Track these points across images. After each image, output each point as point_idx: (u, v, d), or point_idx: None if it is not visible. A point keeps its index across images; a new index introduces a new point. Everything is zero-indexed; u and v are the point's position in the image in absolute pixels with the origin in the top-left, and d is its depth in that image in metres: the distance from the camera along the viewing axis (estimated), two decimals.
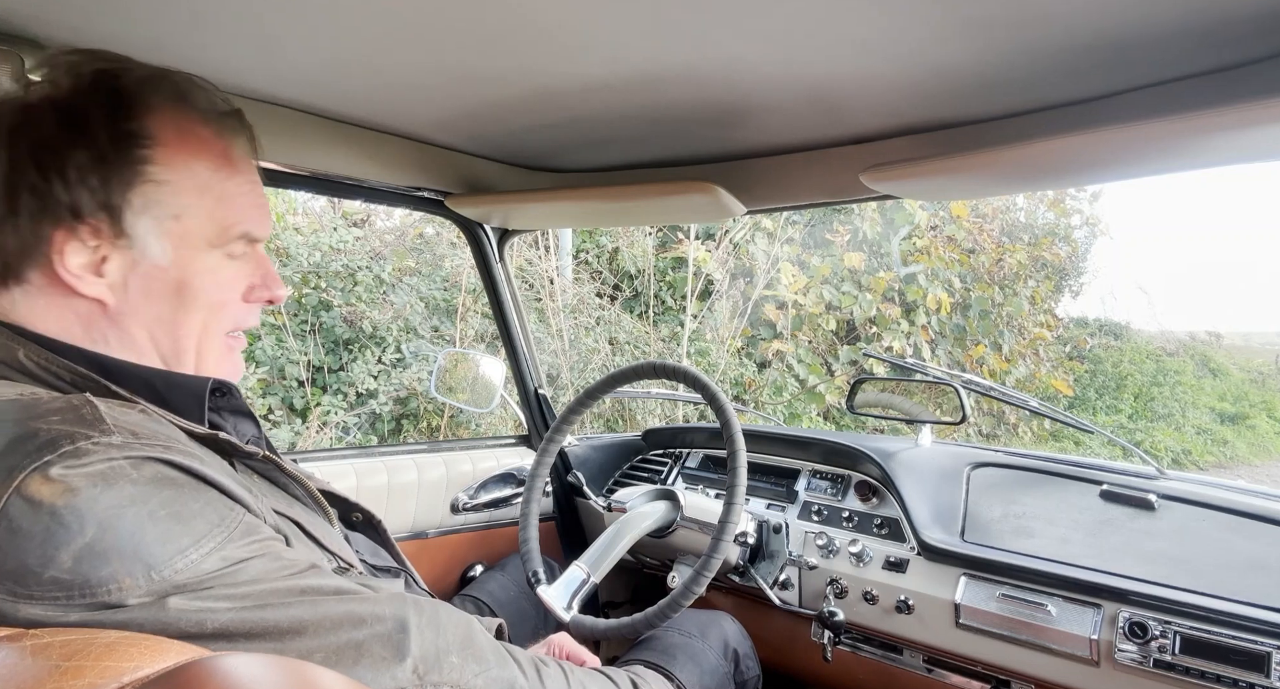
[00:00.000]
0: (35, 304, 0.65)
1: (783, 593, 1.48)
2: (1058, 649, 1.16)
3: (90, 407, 0.58)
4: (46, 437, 0.54)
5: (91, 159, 0.63)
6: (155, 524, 0.54)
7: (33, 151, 0.62)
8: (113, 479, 0.54)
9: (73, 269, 0.64)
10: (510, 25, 0.84)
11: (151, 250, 0.66)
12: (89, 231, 0.64)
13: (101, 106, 0.64)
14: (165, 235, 0.66)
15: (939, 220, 6.69)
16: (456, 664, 0.67)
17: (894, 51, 0.89)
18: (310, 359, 4.40)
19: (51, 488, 0.51)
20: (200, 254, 0.69)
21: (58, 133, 0.62)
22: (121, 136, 0.64)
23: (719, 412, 1.24)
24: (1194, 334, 11.88)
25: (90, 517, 0.52)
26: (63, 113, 0.63)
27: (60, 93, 0.64)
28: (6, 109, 0.64)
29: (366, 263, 4.75)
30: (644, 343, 5.47)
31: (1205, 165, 0.99)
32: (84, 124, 0.63)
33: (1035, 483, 1.44)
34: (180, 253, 0.67)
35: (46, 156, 0.62)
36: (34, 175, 0.61)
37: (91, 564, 0.51)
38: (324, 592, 0.61)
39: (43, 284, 0.64)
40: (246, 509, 0.62)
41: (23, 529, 0.50)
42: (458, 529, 1.68)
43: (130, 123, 0.65)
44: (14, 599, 0.50)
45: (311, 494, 0.79)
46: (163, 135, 0.66)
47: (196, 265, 0.69)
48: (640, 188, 1.33)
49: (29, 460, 0.52)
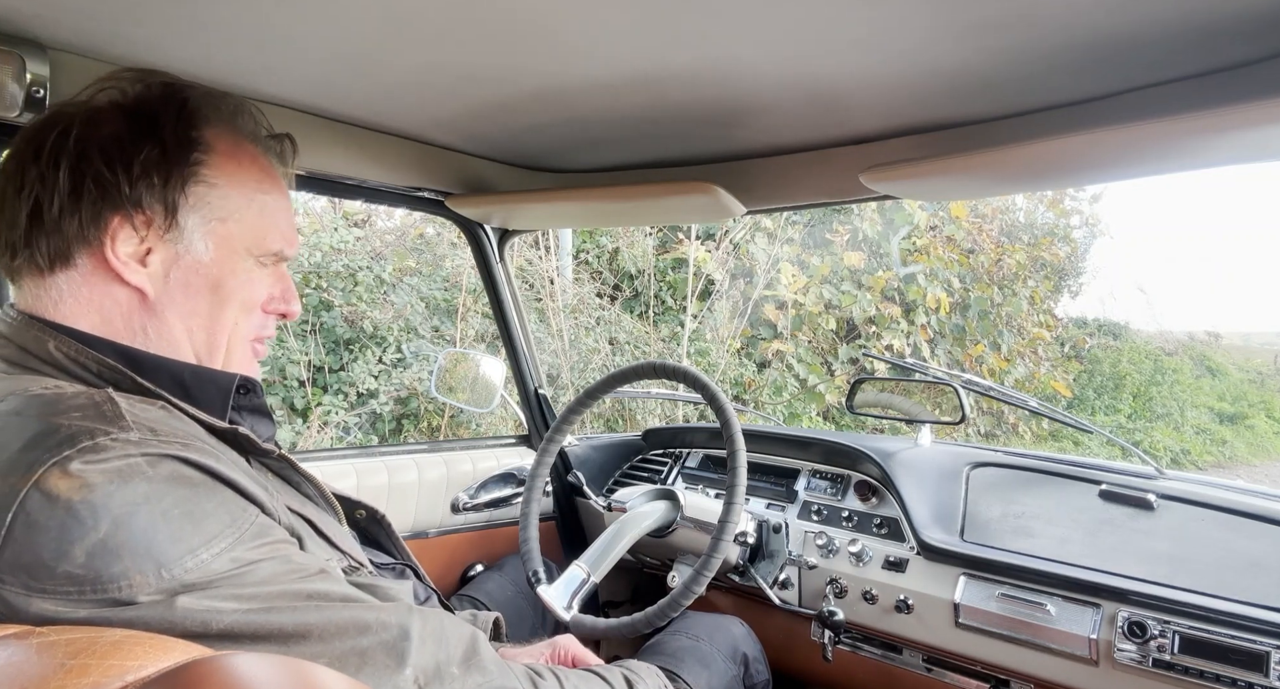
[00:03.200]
0: (79, 293, 0.68)
1: (782, 592, 1.48)
2: (1057, 649, 1.16)
3: (111, 403, 0.60)
4: (67, 432, 0.55)
5: (157, 156, 0.68)
6: (168, 523, 0.55)
7: (102, 146, 0.67)
8: (129, 476, 0.55)
9: (121, 256, 0.68)
10: (510, 25, 0.85)
11: (195, 246, 0.71)
12: (143, 221, 0.68)
13: (170, 113, 0.70)
14: (210, 235, 0.72)
15: (938, 220, 6.69)
16: (458, 675, 0.67)
17: (894, 51, 0.89)
18: (311, 359, 4.40)
19: (69, 483, 0.52)
20: (237, 257, 0.74)
21: (127, 131, 0.68)
22: (184, 140, 0.70)
23: (719, 412, 1.24)
24: (1193, 334, 11.88)
25: (105, 513, 0.53)
26: (132, 115, 0.69)
27: (128, 99, 0.71)
28: (74, 110, 0.69)
29: (367, 263, 4.75)
30: (644, 343, 5.47)
31: (1205, 165, 0.99)
32: (153, 125, 0.69)
33: (1035, 483, 1.44)
34: (220, 253, 0.72)
35: (115, 150, 0.67)
36: (100, 166, 0.66)
37: (104, 560, 0.52)
38: (331, 597, 0.62)
39: (89, 270, 0.68)
40: (261, 509, 0.63)
41: (39, 523, 0.52)
42: (458, 529, 1.69)
43: (192, 130, 0.71)
44: (27, 593, 0.51)
45: (323, 494, 0.80)
46: (218, 145, 0.73)
47: (233, 266, 0.73)
48: (640, 188, 1.33)
49: (49, 455, 0.53)
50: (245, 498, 0.62)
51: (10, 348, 0.67)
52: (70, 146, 0.66)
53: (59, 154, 0.66)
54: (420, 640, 0.64)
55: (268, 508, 0.64)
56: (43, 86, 0.93)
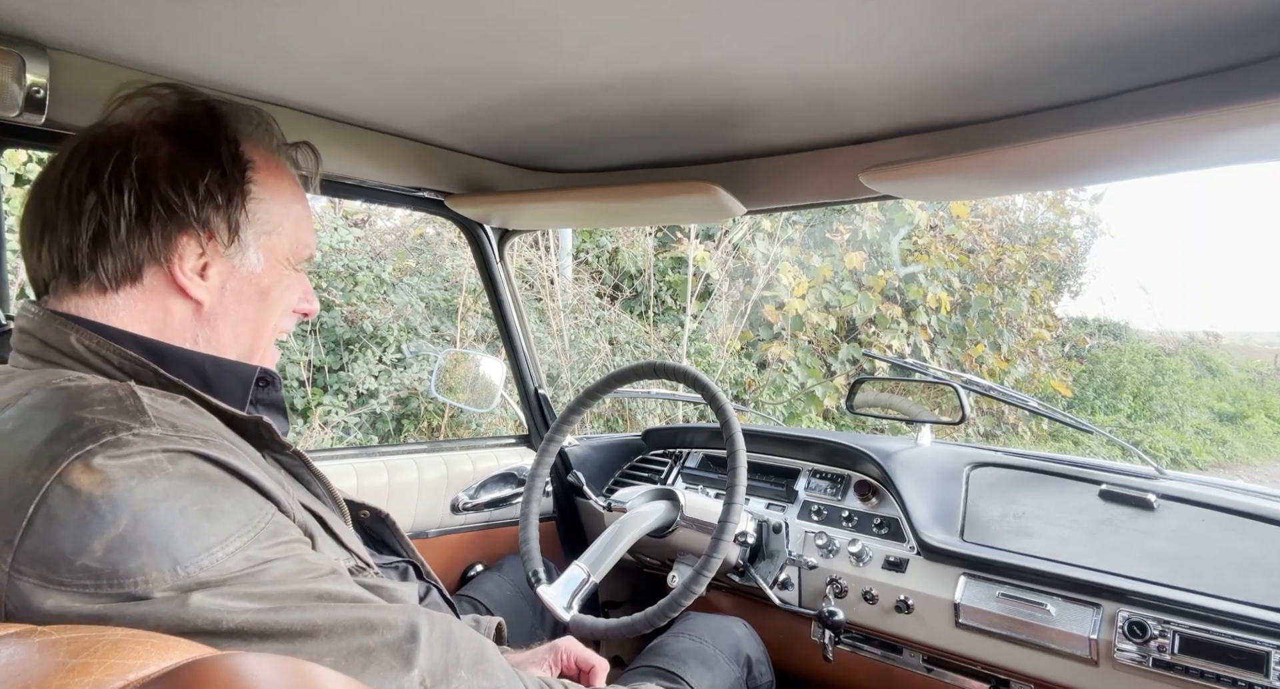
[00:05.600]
0: (136, 306, 0.70)
1: (782, 593, 1.48)
2: (1057, 649, 1.16)
3: (133, 397, 0.61)
4: (90, 426, 0.56)
5: (219, 178, 0.72)
6: (185, 520, 0.55)
7: (165, 170, 0.69)
8: (149, 472, 0.55)
9: (186, 272, 0.71)
10: (510, 25, 0.85)
11: (250, 259, 0.75)
12: (207, 238, 0.72)
13: (217, 132, 0.74)
14: (261, 248, 0.76)
15: (939, 220, 6.69)
16: (465, 679, 0.67)
17: (894, 51, 0.89)
18: (311, 359, 4.40)
19: (91, 477, 0.53)
20: (281, 266, 0.79)
21: (185, 155, 0.71)
22: (237, 159, 0.74)
23: (719, 412, 1.24)
24: (1193, 334, 11.87)
25: (125, 508, 0.53)
26: (182, 136, 0.72)
27: (169, 119, 0.73)
28: (121, 132, 0.70)
29: (367, 263, 4.75)
30: (644, 343, 5.47)
31: (1205, 165, 0.99)
32: (207, 147, 0.72)
33: (1035, 483, 1.44)
34: (268, 263, 0.77)
35: (178, 174, 0.70)
36: (167, 190, 0.69)
37: (122, 554, 0.52)
38: (341, 597, 0.62)
39: (154, 286, 0.71)
40: (277, 506, 0.63)
41: (60, 516, 0.52)
42: (458, 529, 1.69)
43: (239, 147, 0.74)
44: (44, 585, 0.51)
45: (331, 493, 0.80)
46: (257, 160, 0.76)
47: (278, 275, 0.78)
48: (640, 188, 1.33)
49: (72, 449, 0.54)
50: (262, 495, 0.62)
51: (32, 342, 0.68)
52: (132, 171, 0.68)
53: (120, 178, 0.68)
54: (428, 643, 0.64)
55: (284, 505, 0.64)
56: (43, 87, 0.93)
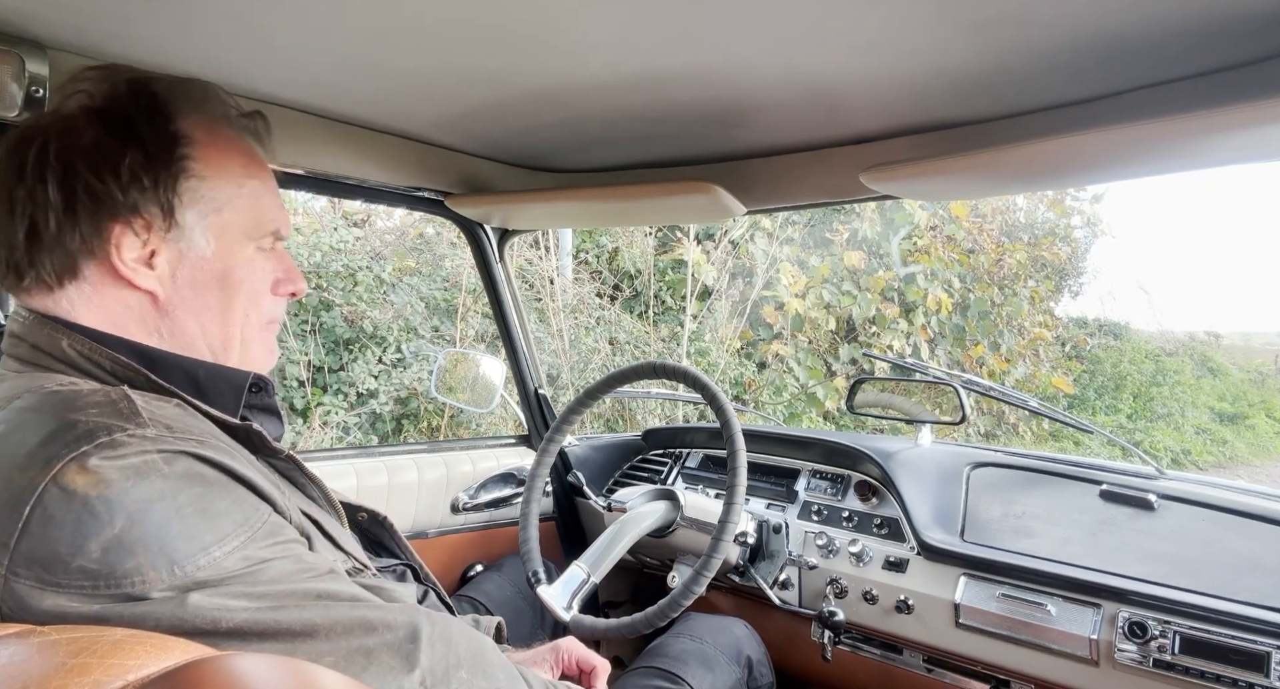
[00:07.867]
0: (91, 302, 0.68)
1: (783, 593, 1.48)
2: (1057, 649, 1.16)
3: (127, 400, 0.60)
4: (85, 428, 0.56)
5: (142, 159, 0.67)
6: (182, 520, 0.55)
7: (85, 156, 0.66)
8: (145, 473, 0.55)
9: (128, 262, 0.68)
10: (510, 25, 0.85)
11: (197, 242, 0.71)
12: (142, 225, 0.68)
13: (142, 111, 0.69)
14: (209, 228, 0.71)
15: (939, 220, 6.68)
16: (466, 679, 0.67)
17: (894, 51, 0.89)
18: (311, 359, 4.40)
19: (86, 478, 0.53)
20: (238, 246, 0.73)
21: (106, 137, 0.67)
22: (164, 137, 0.69)
23: (719, 412, 1.24)
24: (1193, 334, 11.86)
25: (120, 509, 0.53)
26: (106, 119, 0.68)
27: (97, 102, 0.69)
28: (47, 121, 0.68)
29: (367, 263, 4.75)
30: (644, 343, 5.47)
31: (1205, 165, 0.99)
32: (130, 128, 0.68)
33: (1035, 483, 1.44)
34: (221, 244, 0.72)
35: (99, 159, 0.66)
36: (89, 176, 0.66)
37: (118, 555, 0.52)
38: (340, 597, 0.62)
39: (98, 280, 0.68)
40: (273, 507, 0.63)
41: (56, 517, 0.52)
42: (458, 529, 1.69)
43: (169, 124, 0.70)
44: (41, 586, 0.51)
45: (326, 496, 0.80)
46: (197, 135, 0.71)
47: (236, 256, 0.73)
48: (640, 188, 1.33)
49: (67, 450, 0.54)
50: (258, 496, 0.62)
51: (23, 346, 0.67)
52: (52, 161, 0.65)
53: (43, 169, 0.65)
54: (430, 643, 0.64)
55: (280, 506, 0.64)
56: (42, 86, 0.93)
